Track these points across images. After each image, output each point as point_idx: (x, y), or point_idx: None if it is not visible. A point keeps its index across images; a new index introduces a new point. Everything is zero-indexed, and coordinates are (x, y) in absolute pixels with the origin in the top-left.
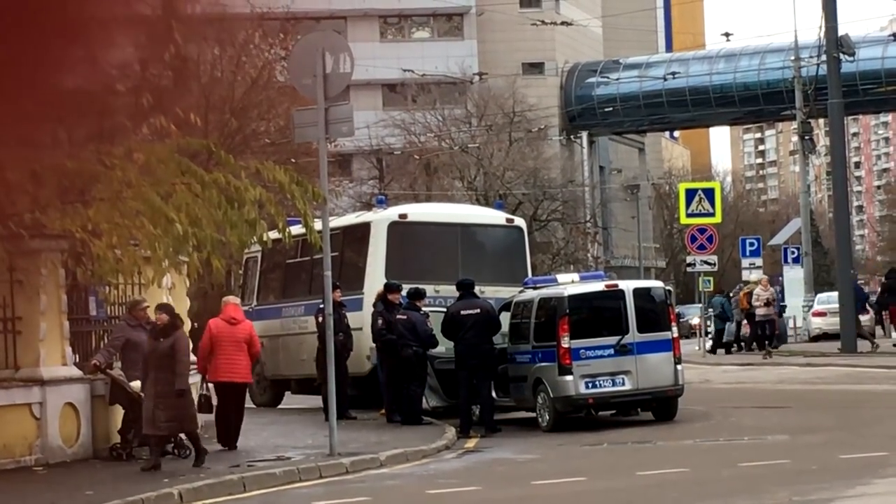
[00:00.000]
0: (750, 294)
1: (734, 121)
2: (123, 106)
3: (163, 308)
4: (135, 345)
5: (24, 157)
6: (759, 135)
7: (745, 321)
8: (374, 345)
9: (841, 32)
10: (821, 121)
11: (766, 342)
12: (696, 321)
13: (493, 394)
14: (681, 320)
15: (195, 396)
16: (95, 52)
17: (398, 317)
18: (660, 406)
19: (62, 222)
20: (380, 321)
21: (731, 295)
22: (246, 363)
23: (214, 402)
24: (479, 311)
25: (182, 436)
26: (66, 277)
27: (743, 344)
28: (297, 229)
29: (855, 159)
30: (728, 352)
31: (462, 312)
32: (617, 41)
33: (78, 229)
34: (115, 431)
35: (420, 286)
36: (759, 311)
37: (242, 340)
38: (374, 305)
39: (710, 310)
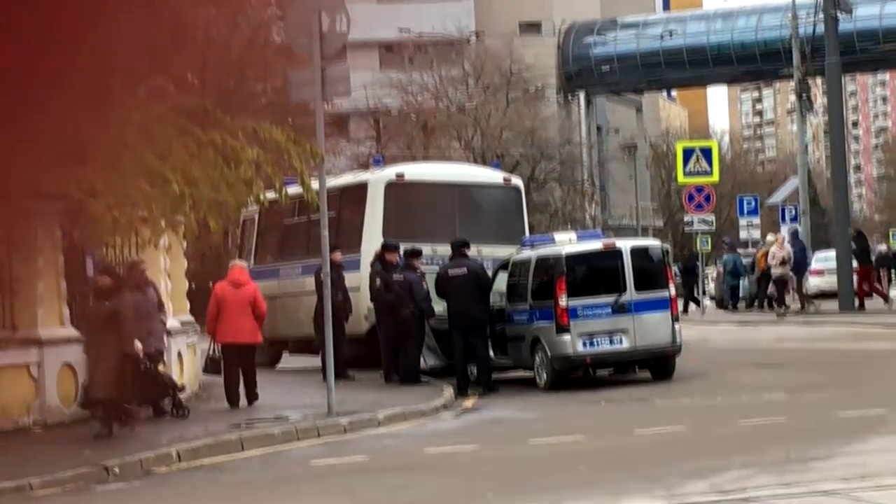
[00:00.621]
0: (767, 254)
1: (732, 80)
2: (121, 66)
3: (104, 270)
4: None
5: (26, 116)
6: (756, 94)
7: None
8: (371, 305)
9: None
10: (818, 80)
11: (778, 301)
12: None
13: (491, 353)
14: (678, 280)
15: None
16: (95, 11)
17: (395, 277)
18: (657, 364)
19: (60, 183)
20: (378, 281)
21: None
22: (252, 324)
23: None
24: (465, 270)
25: (181, 395)
26: (63, 238)
27: (764, 302)
28: (294, 189)
29: (853, 118)
30: (735, 309)
31: (450, 272)
32: (614, 0)
33: (75, 190)
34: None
35: (417, 246)
36: (775, 271)
37: (247, 302)
38: (373, 265)
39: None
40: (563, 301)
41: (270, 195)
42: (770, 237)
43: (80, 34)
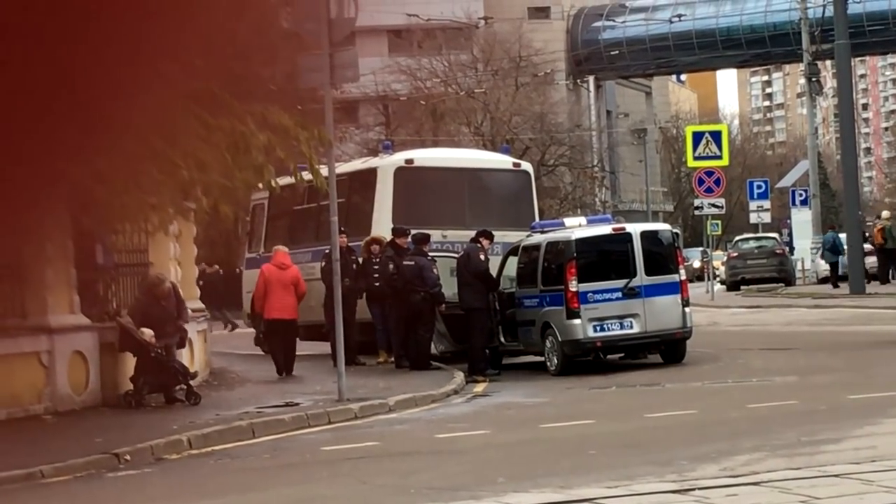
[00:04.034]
0: (884, 229)
1: (741, 63)
2: (128, 47)
3: None
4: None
5: (32, 100)
6: (766, 77)
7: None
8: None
9: None
10: (828, 62)
11: None
12: (697, 264)
13: (502, 338)
14: (687, 263)
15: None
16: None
17: (405, 262)
18: (668, 348)
19: (67, 168)
20: (391, 266)
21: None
22: (293, 302)
23: None
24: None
25: (192, 382)
26: (73, 225)
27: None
28: (304, 175)
29: (862, 101)
30: (837, 286)
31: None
32: None
33: (82, 176)
34: (124, 379)
35: (426, 231)
36: None
37: (290, 283)
38: (384, 251)
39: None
40: (574, 285)
41: (282, 180)
42: (885, 213)
43: (87, 18)
